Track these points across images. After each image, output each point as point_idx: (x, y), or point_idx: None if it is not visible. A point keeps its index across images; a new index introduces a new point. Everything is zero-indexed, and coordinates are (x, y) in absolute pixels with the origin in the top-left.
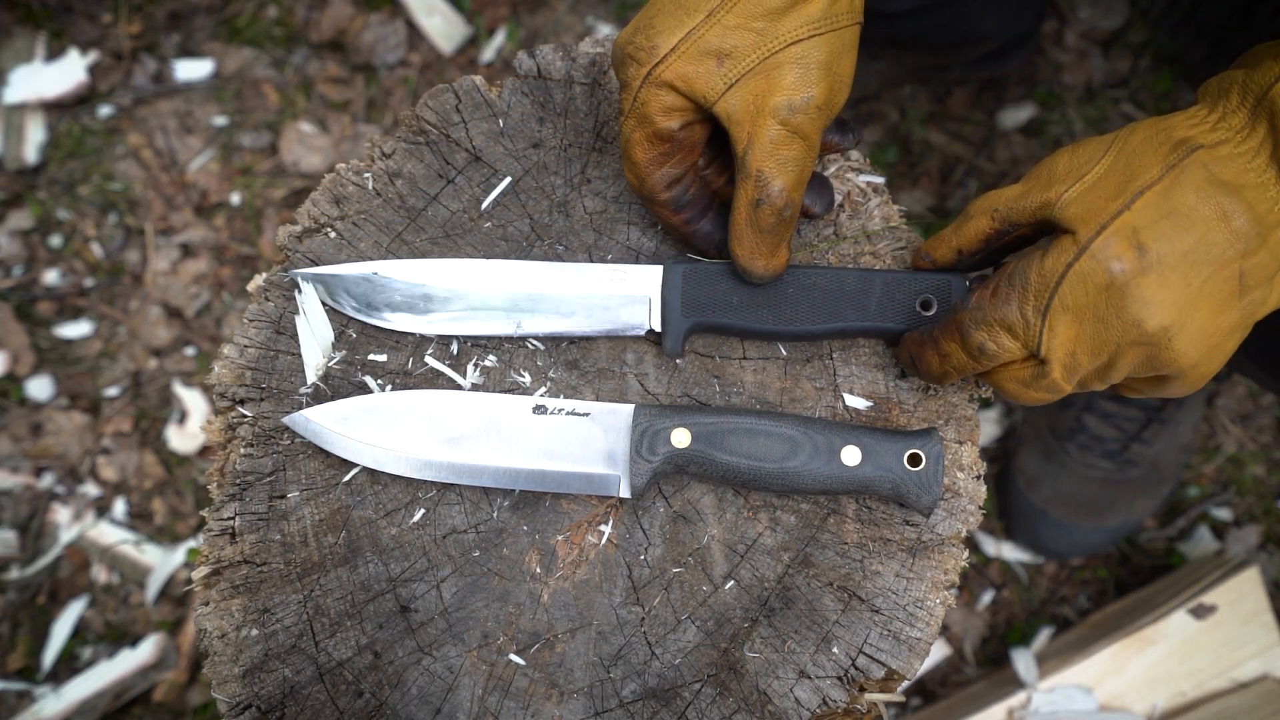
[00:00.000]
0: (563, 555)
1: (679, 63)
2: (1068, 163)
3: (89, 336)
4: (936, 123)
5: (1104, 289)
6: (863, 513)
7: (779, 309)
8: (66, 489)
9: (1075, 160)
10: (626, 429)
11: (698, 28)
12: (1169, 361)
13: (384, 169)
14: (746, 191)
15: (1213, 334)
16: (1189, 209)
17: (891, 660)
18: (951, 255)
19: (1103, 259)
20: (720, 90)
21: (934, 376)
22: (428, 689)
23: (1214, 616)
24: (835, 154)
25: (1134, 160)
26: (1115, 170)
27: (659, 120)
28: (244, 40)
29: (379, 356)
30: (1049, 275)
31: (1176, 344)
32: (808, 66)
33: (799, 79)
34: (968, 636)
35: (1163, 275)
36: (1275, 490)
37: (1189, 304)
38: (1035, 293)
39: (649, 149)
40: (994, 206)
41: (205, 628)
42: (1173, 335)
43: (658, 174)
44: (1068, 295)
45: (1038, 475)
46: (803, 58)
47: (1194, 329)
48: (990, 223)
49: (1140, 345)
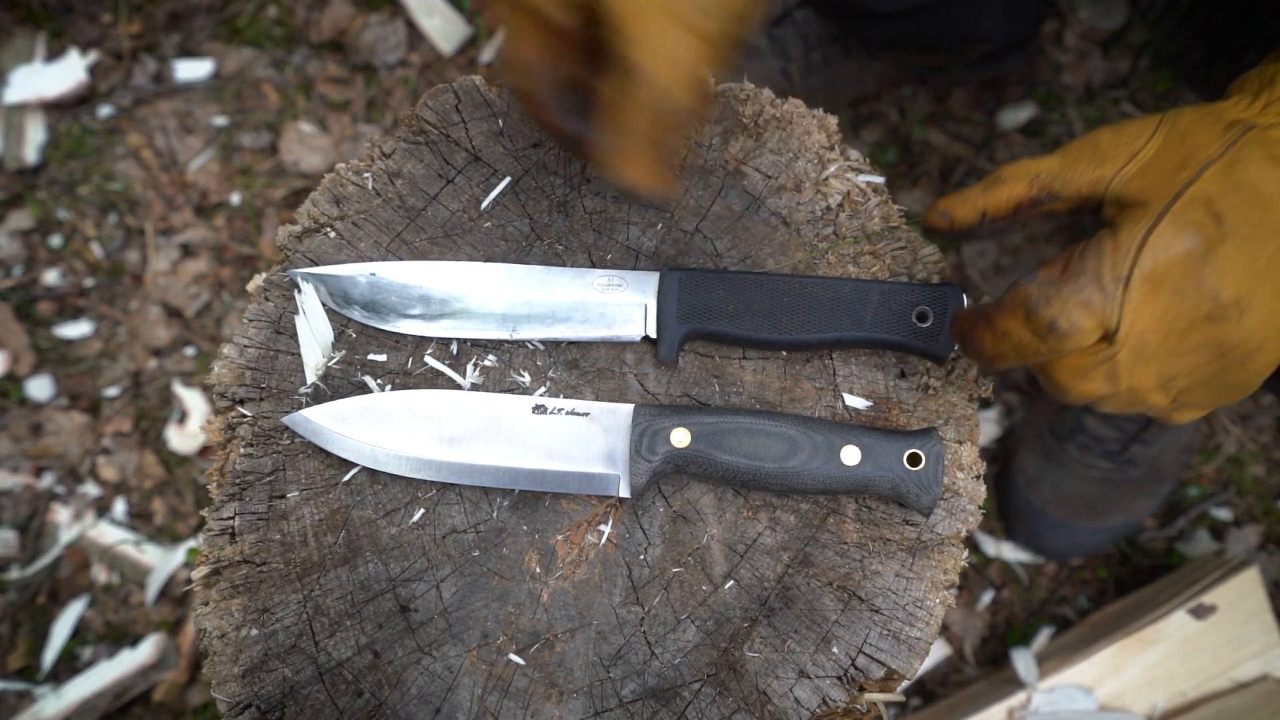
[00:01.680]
0: (562, 555)
1: None
2: (1113, 140)
3: (89, 336)
4: (936, 123)
5: (1184, 257)
6: (862, 512)
7: (774, 317)
8: (66, 489)
9: (1122, 138)
10: (626, 429)
11: None
12: (1239, 341)
13: (384, 169)
14: (627, 88)
15: (1276, 314)
16: (1255, 183)
17: (891, 660)
18: (973, 216)
19: (1182, 224)
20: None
21: (987, 357)
22: (427, 689)
23: (1214, 616)
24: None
25: (1189, 138)
26: (1171, 147)
27: (549, 9)
28: (244, 40)
29: (379, 356)
30: (1126, 246)
31: (1247, 320)
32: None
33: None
34: (968, 636)
35: (1238, 245)
36: (1275, 490)
37: (1258, 277)
38: (1114, 264)
39: (540, 45)
40: (1034, 173)
41: (205, 628)
42: (1244, 309)
43: (550, 74)
44: (1147, 263)
45: (1038, 475)
46: None
47: (1262, 305)
48: (1027, 189)
49: (1212, 322)
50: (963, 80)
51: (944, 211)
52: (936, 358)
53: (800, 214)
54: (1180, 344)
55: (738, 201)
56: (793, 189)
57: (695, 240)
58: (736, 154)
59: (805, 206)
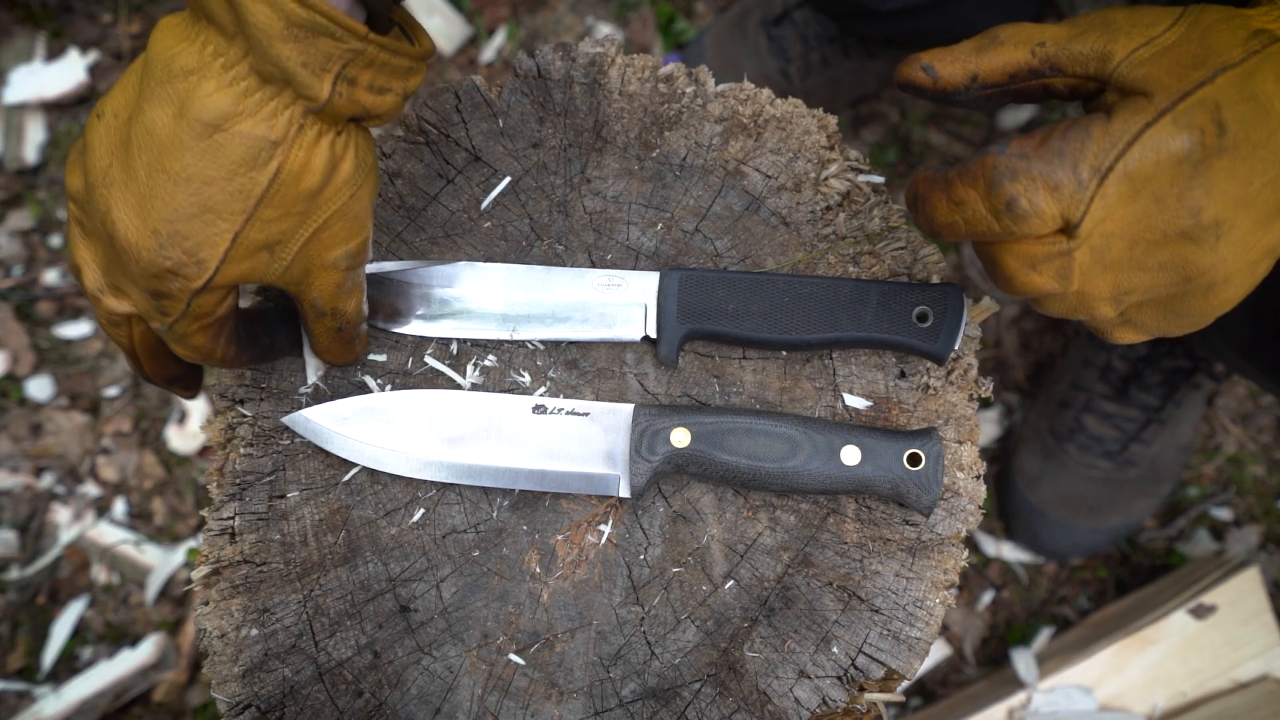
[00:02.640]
0: (562, 555)
1: (232, 268)
2: (1129, 20)
3: (89, 336)
4: (936, 123)
5: (1176, 161)
6: (862, 512)
7: (775, 318)
8: (66, 489)
9: (1139, 18)
10: (626, 429)
11: (241, 231)
12: (1207, 267)
13: (384, 169)
14: (326, 324)
15: (1252, 247)
16: (1269, 99)
17: (891, 660)
18: (962, 78)
19: (1184, 125)
20: (279, 271)
21: (936, 225)
22: (427, 689)
23: (1214, 616)
24: None
25: (1211, 36)
26: (1190, 41)
27: (218, 312)
28: None
29: (379, 356)
30: (1118, 135)
31: (1223, 247)
32: (351, 218)
33: (347, 230)
34: (968, 636)
35: (1235, 162)
36: (1275, 490)
37: (1244, 203)
38: (1097, 151)
39: (211, 334)
40: (1038, 40)
41: (205, 628)
42: (1221, 233)
43: (224, 343)
44: (1134, 160)
45: (1037, 475)
46: (346, 212)
47: (1239, 234)
48: (1028, 57)
49: (1186, 241)
50: None
51: (928, 66)
52: (936, 358)
53: (800, 214)
54: (1146, 257)
55: (738, 201)
56: (792, 189)
57: (695, 240)
58: (736, 154)
59: (805, 206)
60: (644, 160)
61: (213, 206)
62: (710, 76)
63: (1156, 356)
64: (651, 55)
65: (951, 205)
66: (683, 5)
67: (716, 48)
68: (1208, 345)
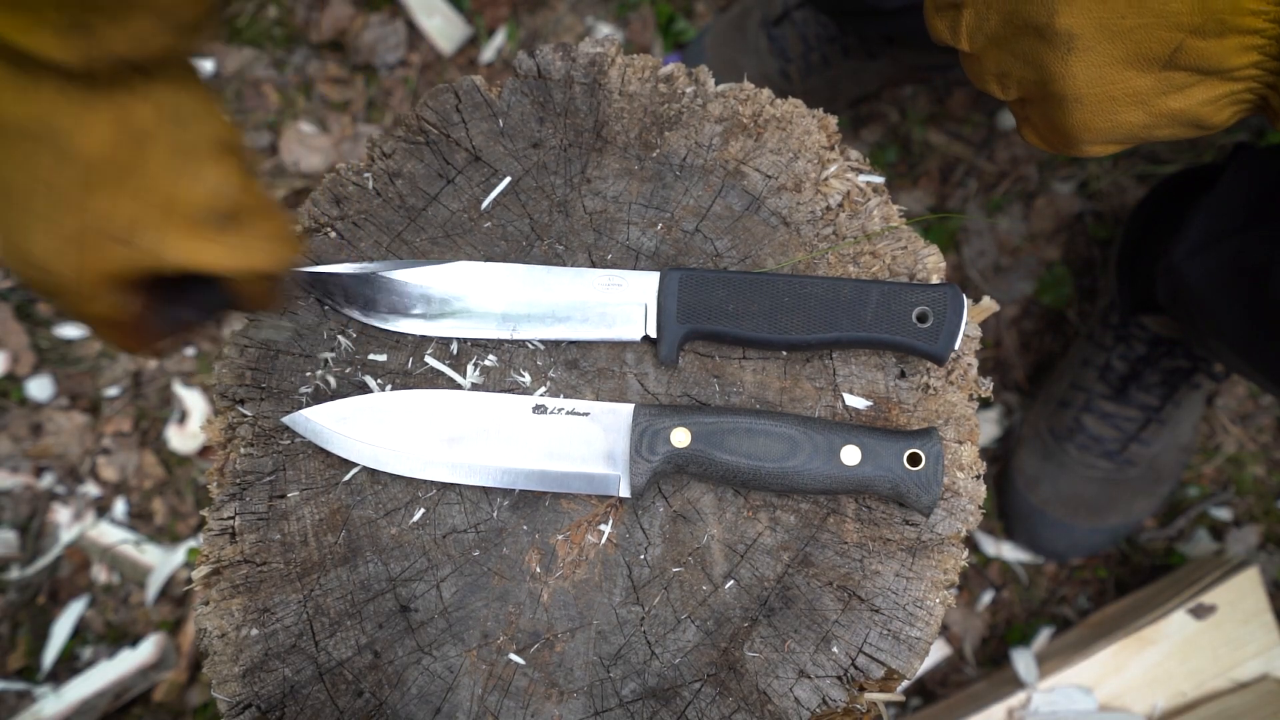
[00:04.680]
0: (562, 555)
1: None
2: None
3: (89, 336)
4: (936, 123)
5: None
6: (862, 512)
7: (775, 318)
8: (66, 489)
9: None
10: (626, 428)
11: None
12: (1056, 75)
13: (384, 169)
14: None
15: (1113, 82)
16: None
17: (891, 660)
18: None
19: None
20: None
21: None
22: (428, 689)
23: (1214, 616)
24: None
25: None
26: None
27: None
28: (244, 40)
29: (379, 356)
30: None
31: (1073, 60)
32: None
33: None
34: (968, 636)
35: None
36: (1275, 490)
37: (1106, 30)
38: None
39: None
40: None
41: (205, 627)
42: (1074, 47)
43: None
44: None
45: (1037, 475)
46: None
47: (1096, 59)
48: None
49: (1040, 39)
50: (963, 80)
51: None
52: (936, 358)
53: (800, 214)
54: (1012, 40)
55: (738, 201)
56: (793, 189)
57: (695, 240)
58: (736, 154)
59: (805, 206)
60: (644, 160)
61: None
62: (710, 76)
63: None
64: (651, 55)
65: None
66: (683, 5)
67: (716, 48)
68: (1207, 345)
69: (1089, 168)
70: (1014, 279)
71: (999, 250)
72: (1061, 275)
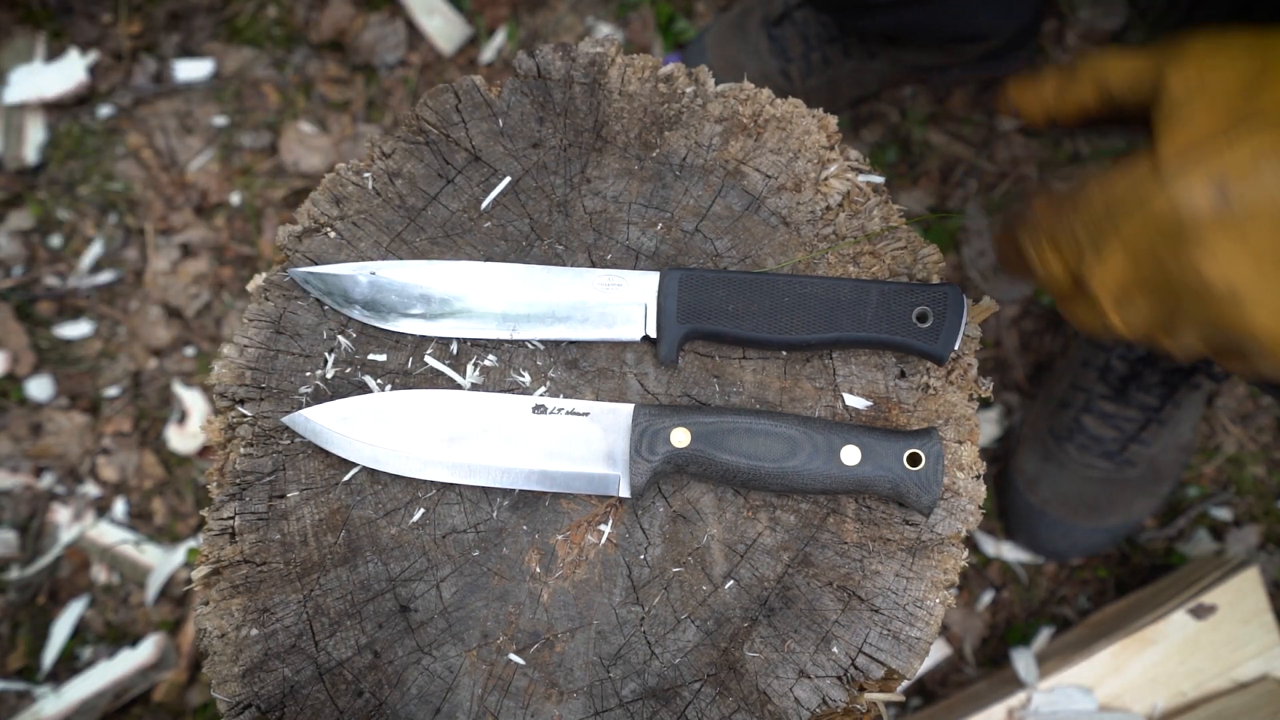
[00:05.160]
0: (562, 555)
1: None
2: (1208, 49)
3: (89, 336)
4: (936, 123)
5: (1165, 228)
6: (862, 512)
7: (775, 318)
8: (66, 489)
9: (1218, 51)
10: (626, 428)
11: None
12: (1243, 329)
13: (384, 169)
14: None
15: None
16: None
17: (891, 660)
18: (1039, 117)
19: (1172, 195)
20: None
21: (1005, 269)
22: (427, 689)
23: (1214, 616)
24: None
25: (1272, 70)
26: (1248, 75)
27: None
28: (244, 40)
29: (379, 356)
30: (1114, 198)
31: (1251, 310)
32: None
33: None
34: (968, 636)
35: (1242, 226)
36: (1275, 490)
37: (1271, 264)
38: (1093, 214)
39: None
40: (1104, 80)
41: (205, 627)
42: (1243, 299)
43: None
44: (1128, 231)
45: (1037, 475)
46: None
47: (1276, 299)
48: (1096, 97)
49: (1203, 302)
50: (963, 80)
51: (1010, 100)
52: (936, 358)
53: (800, 214)
54: (1176, 314)
55: (738, 201)
56: (792, 189)
57: (695, 240)
58: (736, 154)
59: (805, 206)
60: (644, 160)
61: None
62: (710, 76)
63: (1156, 357)
64: (651, 55)
65: (1003, 254)
66: (683, 5)
67: (717, 47)
68: None
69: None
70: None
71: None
72: None
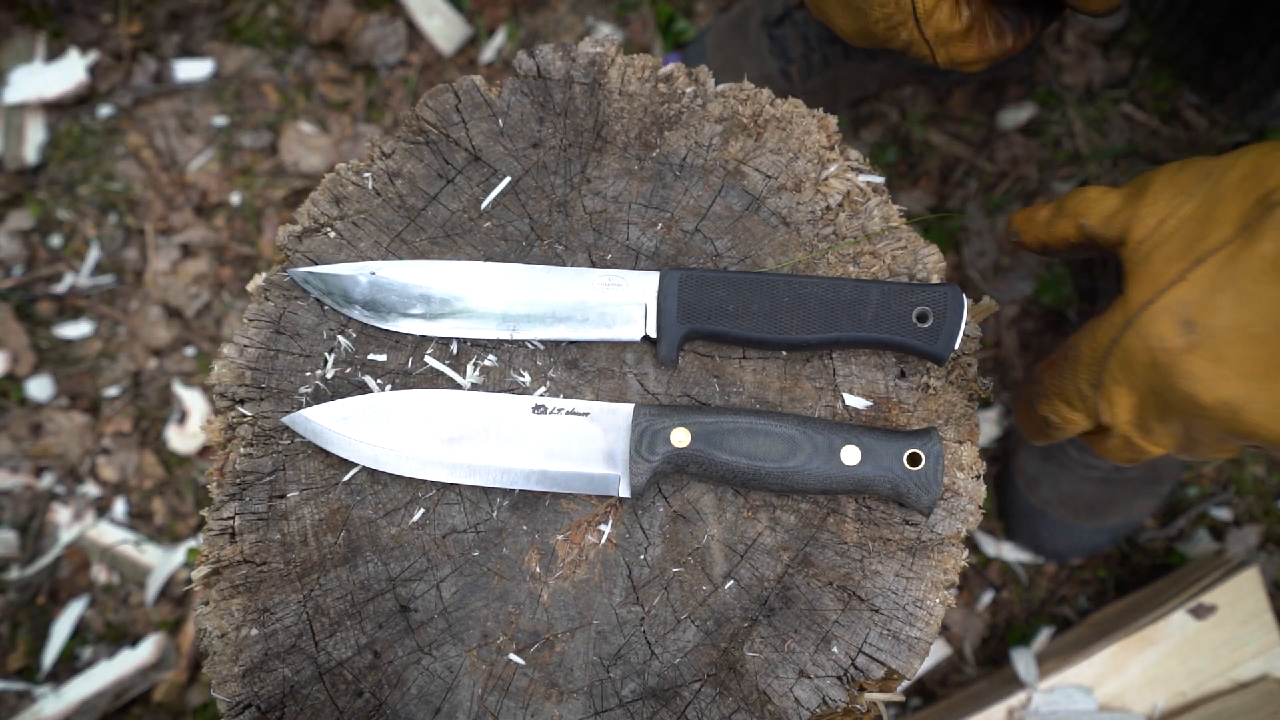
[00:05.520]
0: (562, 555)
1: None
2: (1164, 189)
3: (89, 336)
4: (936, 123)
5: (1149, 366)
6: (862, 512)
7: (775, 318)
8: (66, 489)
9: (1172, 188)
10: (626, 428)
11: None
12: (1249, 434)
13: (384, 169)
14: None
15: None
16: (1252, 279)
17: (891, 660)
18: (1036, 245)
19: (1146, 337)
20: None
21: (1034, 440)
22: (427, 689)
23: (1214, 616)
24: None
25: (1216, 209)
26: (1196, 218)
27: None
28: (244, 40)
29: (379, 356)
30: (1099, 349)
31: (1247, 416)
32: None
33: None
34: (968, 636)
35: (1215, 349)
36: (1275, 490)
37: (1260, 375)
38: (1087, 366)
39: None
40: (1084, 219)
41: (205, 627)
42: (1239, 409)
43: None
44: (1116, 370)
45: (1037, 475)
46: None
47: (1267, 401)
48: (1077, 233)
49: (1205, 419)
50: (963, 80)
51: (1015, 231)
52: (936, 358)
53: (800, 214)
54: (1189, 430)
55: (738, 201)
56: (793, 189)
57: (695, 240)
58: (736, 154)
59: (805, 206)
60: (644, 160)
61: None
62: (710, 76)
63: None
64: (651, 55)
65: (1025, 423)
66: (683, 5)
67: (717, 48)
68: None
69: (1089, 168)
70: (1014, 279)
71: (999, 250)
72: (1061, 275)
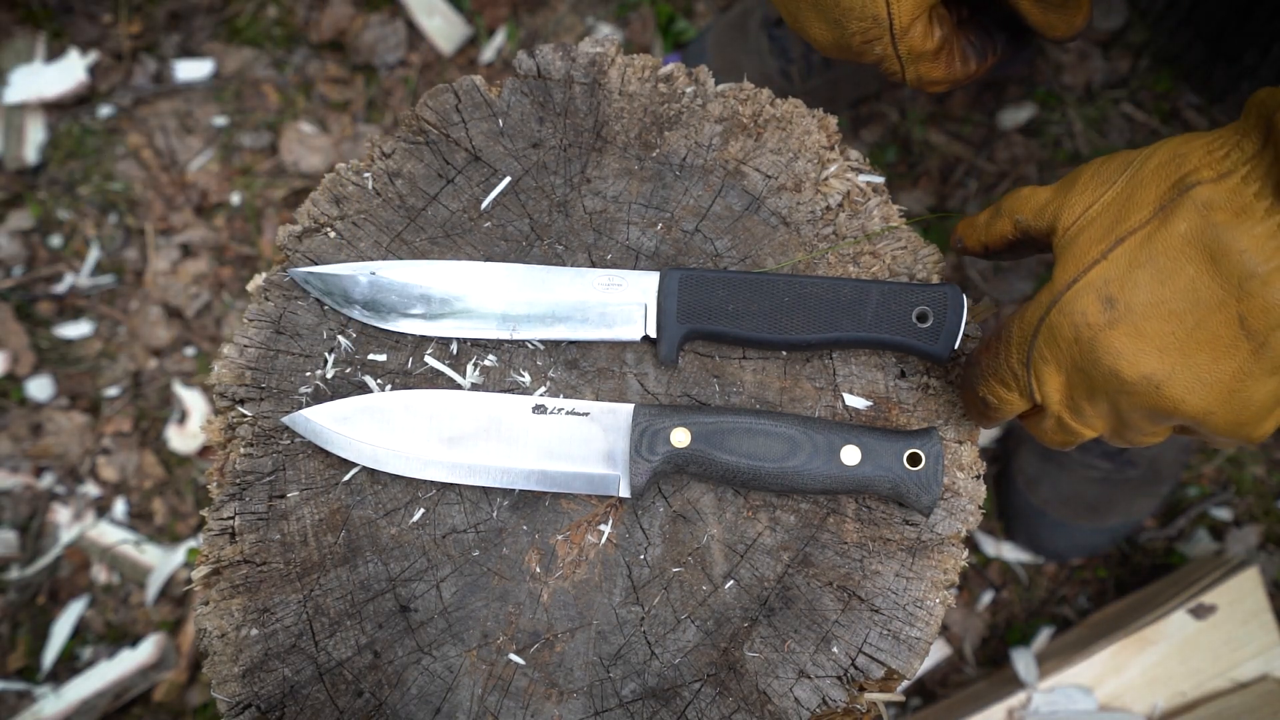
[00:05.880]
0: (562, 555)
1: None
2: (1090, 180)
3: (89, 336)
4: (936, 123)
5: (1074, 342)
6: (862, 512)
7: (775, 318)
8: (66, 489)
9: (1097, 179)
10: (626, 429)
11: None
12: (1172, 410)
13: (384, 169)
14: None
15: (1218, 379)
16: (1169, 257)
17: (891, 660)
18: (979, 248)
19: (1068, 314)
20: None
21: (976, 421)
22: (427, 689)
23: (1214, 616)
24: None
25: (1136, 193)
26: (1117, 203)
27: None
28: (244, 40)
29: (379, 356)
30: (1028, 328)
31: (1169, 391)
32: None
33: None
34: (968, 636)
35: (1135, 325)
36: (1275, 490)
37: (1178, 350)
38: (1018, 345)
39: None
40: (1018, 214)
41: (205, 627)
42: (1160, 383)
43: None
44: (1044, 348)
45: (1037, 475)
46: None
47: (1188, 376)
48: (1013, 229)
49: (1129, 395)
50: None
51: (959, 239)
52: (936, 358)
53: (800, 214)
54: (1116, 408)
55: (738, 201)
56: (793, 189)
57: (695, 240)
58: (736, 154)
59: (805, 206)
60: (644, 160)
61: None
62: (710, 76)
63: None
64: (651, 55)
65: (968, 405)
66: (683, 5)
67: (717, 48)
68: None
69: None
70: (1014, 279)
71: None
72: None
